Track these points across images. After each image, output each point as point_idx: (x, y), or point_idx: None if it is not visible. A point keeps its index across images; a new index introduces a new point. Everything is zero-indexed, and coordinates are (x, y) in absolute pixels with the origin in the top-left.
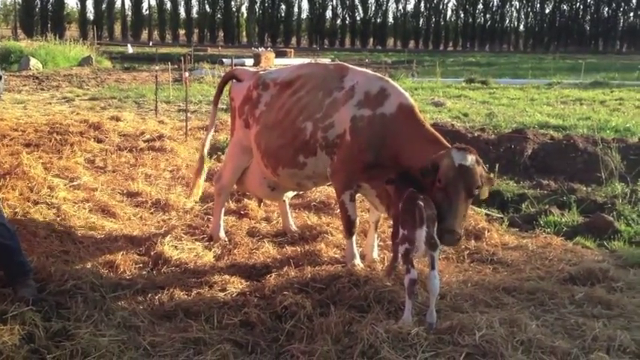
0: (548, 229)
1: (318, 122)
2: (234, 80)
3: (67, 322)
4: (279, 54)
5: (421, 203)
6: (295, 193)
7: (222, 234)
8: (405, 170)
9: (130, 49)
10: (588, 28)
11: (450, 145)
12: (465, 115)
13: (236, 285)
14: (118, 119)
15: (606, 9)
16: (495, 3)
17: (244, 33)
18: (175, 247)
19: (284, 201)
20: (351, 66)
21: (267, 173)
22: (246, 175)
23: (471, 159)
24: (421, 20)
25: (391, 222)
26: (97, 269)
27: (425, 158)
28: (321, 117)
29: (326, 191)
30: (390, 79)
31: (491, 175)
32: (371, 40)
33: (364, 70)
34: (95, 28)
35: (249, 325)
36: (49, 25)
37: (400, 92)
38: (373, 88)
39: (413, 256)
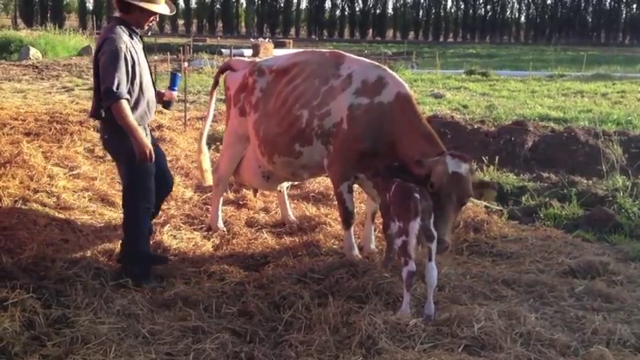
0: (549, 222)
1: (314, 110)
2: (229, 70)
3: (67, 309)
4: (278, 44)
5: (417, 195)
6: (291, 183)
7: (220, 224)
8: (396, 161)
9: None
10: (590, 19)
11: (441, 144)
12: (465, 106)
13: (235, 275)
14: None
15: (609, 0)
16: None
17: (243, 23)
18: (174, 236)
19: (282, 191)
20: (347, 54)
21: (262, 162)
22: (241, 165)
23: (465, 167)
24: (421, 11)
25: None
26: (96, 257)
27: (417, 151)
28: (318, 105)
29: (325, 182)
30: (387, 68)
31: (494, 182)
32: (370, 31)
33: (361, 58)
34: (94, 18)
35: (248, 315)
36: (48, 15)
37: (398, 81)
38: (371, 76)
39: (410, 248)
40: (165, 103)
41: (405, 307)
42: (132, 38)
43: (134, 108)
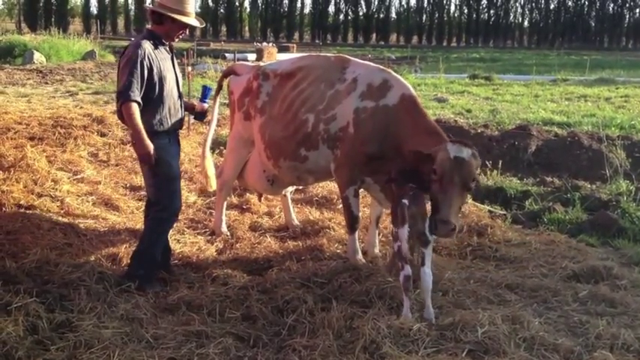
0: (552, 227)
1: (320, 114)
2: (233, 75)
3: (70, 313)
4: (282, 49)
5: (404, 201)
6: (295, 187)
7: (224, 228)
8: (405, 166)
9: None
10: (593, 24)
11: (447, 139)
12: (469, 111)
13: (238, 279)
14: None
15: (612, 5)
16: None
17: (247, 28)
18: (178, 240)
19: (286, 196)
20: (352, 58)
21: (267, 165)
22: (245, 169)
23: (466, 152)
24: (424, 16)
25: None
26: (100, 262)
27: (424, 149)
28: (323, 109)
29: (328, 186)
30: (391, 71)
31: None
32: (374, 35)
33: (365, 62)
34: (98, 23)
35: (251, 319)
36: (52, 19)
37: (402, 83)
38: (375, 79)
39: (404, 252)
40: (196, 115)
41: (407, 311)
42: (157, 48)
43: (151, 113)
